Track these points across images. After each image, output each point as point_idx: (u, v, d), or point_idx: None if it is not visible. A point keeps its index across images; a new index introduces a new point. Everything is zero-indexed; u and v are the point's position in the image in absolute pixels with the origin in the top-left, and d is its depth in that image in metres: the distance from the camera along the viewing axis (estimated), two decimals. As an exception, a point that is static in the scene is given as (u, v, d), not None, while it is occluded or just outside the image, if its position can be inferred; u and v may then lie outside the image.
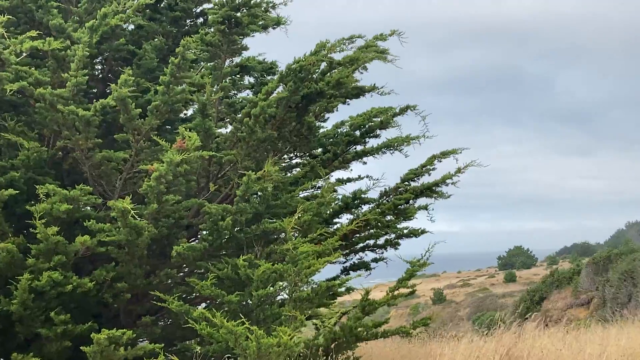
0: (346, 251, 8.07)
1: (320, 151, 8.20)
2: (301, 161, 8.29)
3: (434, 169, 8.16)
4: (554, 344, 7.67)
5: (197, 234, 7.02)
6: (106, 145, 6.56)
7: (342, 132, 8.33)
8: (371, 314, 7.15)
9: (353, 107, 8.17)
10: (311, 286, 6.36)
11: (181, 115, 7.68)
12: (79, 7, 7.42)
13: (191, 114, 7.85)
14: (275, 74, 8.37)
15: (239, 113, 7.24)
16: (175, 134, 6.27)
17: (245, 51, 7.65)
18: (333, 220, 8.02)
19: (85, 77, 6.29)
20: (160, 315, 6.80)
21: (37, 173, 6.36)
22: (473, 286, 51.38)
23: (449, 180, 8.08)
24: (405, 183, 8.21)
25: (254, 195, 6.45)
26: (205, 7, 8.26)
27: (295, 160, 8.38)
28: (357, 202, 8.16)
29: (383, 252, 8.37)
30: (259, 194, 6.55)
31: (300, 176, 7.67)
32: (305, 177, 7.62)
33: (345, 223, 7.73)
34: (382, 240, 8.24)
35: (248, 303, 6.18)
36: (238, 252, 6.43)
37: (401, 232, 8.19)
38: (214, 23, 6.93)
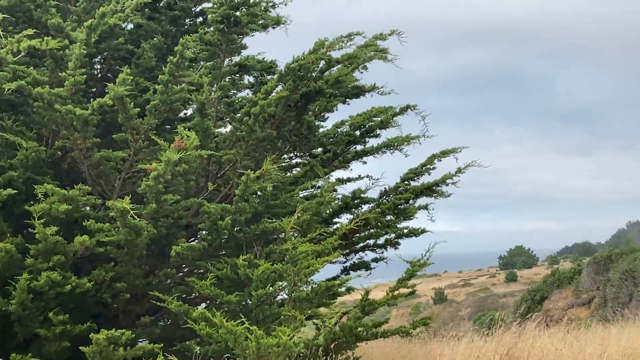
0: (346, 251, 8.05)
1: (320, 151, 8.19)
2: (301, 161, 8.28)
3: (434, 168, 8.14)
4: (555, 344, 7.64)
5: (197, 233, 7.00)
6: (105, 145, 6.55)
7: (342, 132, 8.32)
8: (371, 314, 7.13)
9: (353, 107, 8.17)
10: (311, 286, 6.34)
11: (181, 115, 7.67)
12: (77, 6, 7.40)
13: (191, 113, 7.83)
14: (275, 73, 8.36)
15: (238, 112, 7.22)
16: (175, 133, 6.25)
17: (245, 50, 7.64)
18: (333, 220, 8.00)
19: (83, 76, 6.27)
20: (160, 315, 6.78)
21: (36, 173, 6.34)
22: (474, 286, 51.37)
23: (449, 180, 8.05)
24: (406, 182, 8.18)
25: (254, 195, 6.43)
26: (205, 6, 8.25)
27: (295, 160, 8.37)
28: (357, 202, 8.14)
29: (383, 252, 8.35)
30: (258, 193, 6.53)
31: (300, 176, 7.66)
32: (305, 177, 7.60)
33: (345, 223, 7.71)
34: (382, 240, 8.22)
35: (247, 303, 6.16)
36: (237, 252, 6.42)
37: (401, 232, 8.17)
38: (213, 22, 6.92)
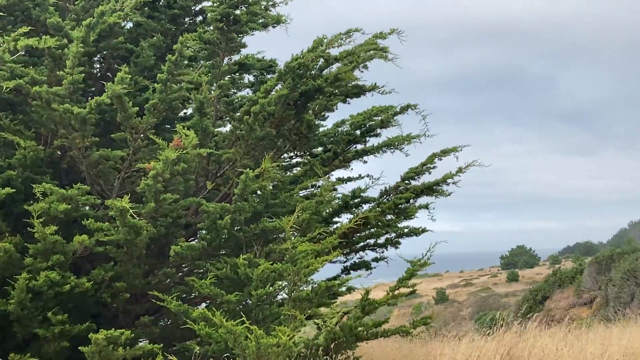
0: (346, 250, 8.02)
1: (320, 150, 8.17)
2: (301, 160, 8.25)
3: (435, 168, 8.11)
4: (556, 344, 7.61)
5: (196, 233, 6.98)
6: (104, 144, 6.52)
7: (343, 131, 8.30)
8: (371, 313, 7.09)
9: (354, 106, 8.15)
10: (311, 286, 6.31)
11: (180, 114, 7.65)
12: (76, 5, 7.38)
13: (190, 112, 7.81)
14: (275, 72, 8.33)
15: (238, 111, 7.20)
16: (174, 132, 6.23)
17: (244, 49, 7.63)
18: (333, 219, 7.97)
19: (82, 75, 6.25)
20: (159, 315, 6.76)
21: (35, 172, 6.32)
22: (475, 286, 51.26)
23: (450, 179, 8.03)
24: (406, 182, 8.15)
25: (253, 194, 6.41)
26: (204, 5, 8.24)
27: (295, 159, 8.35)
28: (357, 201, 8.12)
29: (383, 252, 8.32)
30: (258, 192, 6.51)
31: (299, 175, 7.63)
32: (305, 176, 7.57)
33: (345, 222, 7.68)
34: (383, 239, 8.19)
35: (247, 302, 6.14)
36: (237, 252, 6.40)
37: (402, 231, 8.14)
38: (213, 21, 6.90)
